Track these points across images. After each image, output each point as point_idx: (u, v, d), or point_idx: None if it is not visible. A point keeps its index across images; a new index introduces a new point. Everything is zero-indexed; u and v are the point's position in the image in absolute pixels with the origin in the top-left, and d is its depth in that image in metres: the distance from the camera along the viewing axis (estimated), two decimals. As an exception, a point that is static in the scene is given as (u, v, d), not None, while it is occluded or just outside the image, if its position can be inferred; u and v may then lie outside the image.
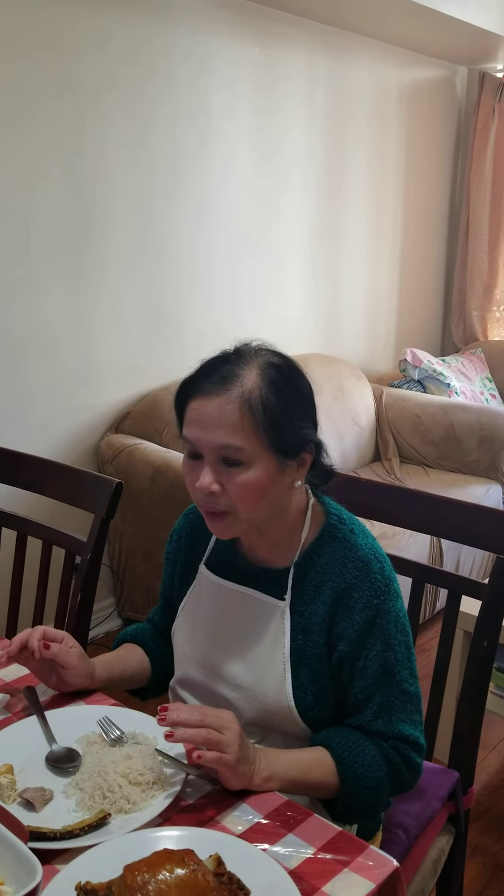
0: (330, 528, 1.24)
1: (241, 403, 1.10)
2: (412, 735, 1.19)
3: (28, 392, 2.65)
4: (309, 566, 1.22)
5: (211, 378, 1.13)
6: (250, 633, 1.24)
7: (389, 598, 1.19)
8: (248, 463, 1.12)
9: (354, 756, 1.14)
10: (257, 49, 3.15)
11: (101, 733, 1.20)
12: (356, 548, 1.21)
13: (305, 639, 1.20)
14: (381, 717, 1.18)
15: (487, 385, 4.13)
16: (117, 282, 2.84)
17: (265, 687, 1.21)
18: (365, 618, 1.17)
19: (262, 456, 1.12)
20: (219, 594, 1.29)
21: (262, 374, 1.13)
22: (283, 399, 1.13)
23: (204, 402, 1.12)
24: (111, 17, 2.63)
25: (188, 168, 2.99)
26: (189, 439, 1.14)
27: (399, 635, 1.19)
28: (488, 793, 2.22)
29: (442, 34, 3.63)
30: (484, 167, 4.31)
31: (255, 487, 1.13)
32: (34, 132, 2.50)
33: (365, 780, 1.15)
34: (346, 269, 3.91)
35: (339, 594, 1.18)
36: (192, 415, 1.14)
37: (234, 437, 1.11)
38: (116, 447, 2.81)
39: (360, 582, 1.18)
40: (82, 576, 1.63)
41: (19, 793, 1.07)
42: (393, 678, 1.18)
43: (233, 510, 1.15)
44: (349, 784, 1.14)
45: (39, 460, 1.82)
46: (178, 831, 1.01)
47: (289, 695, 1.19)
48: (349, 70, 3.62)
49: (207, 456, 1.13)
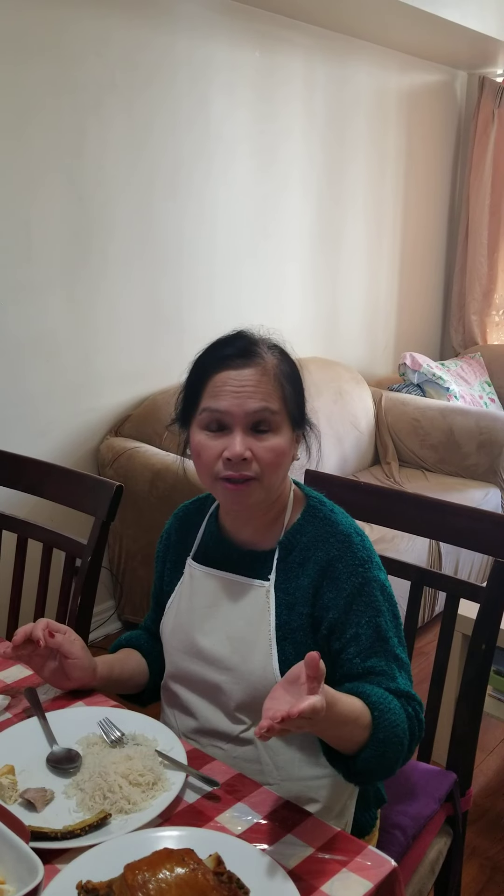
0: (311, 510, 1.29)
1: (273, 374, 1.21)
2: (416, 695, 1.21)
3: (28, 395, 2.66)
4: (293, 545, 1.26)
5: (235, 353, 1.21)
6: (236, 616, 1.26)
7: (373, 568, 1.23)
8: (276, 429, 1.21)
9: (388, 704, 1.14)
10: (257, 53, 3.17)
11: (101, 734, 1.21)
12: (337, 524, 1.26)
13: (290, 613, 1.23)
14: (386, 679, 1.18)
15: (486, 389, 4.14)
16: (117, 285, 2.85)
17: (252, 665, 1.23)
18: (352, 585, 1.21)
19: (284, 424, 1.22)
20: (206, 583, 1.31)
21: (273, 353, 1.24)
22: (294, 375, 1.26)
23: (237, 373, 1.20)
24: (111, 21, 2.64)
25: (188, 172, 3.01)
26: (218, 409, 1.20)
27: (387, 603, 1.22)
28: (486, 795, 2.23)
29: (442, 39, 3.64)
30: (483, 172, 4.33)
31: (280, 452, 1.21)
32: (34, 136, 2.51)
33: (396, 731, 1.13)
34: (346, 273, 3.92)
35: (323, 567, 1.22)
36: (221, 386, 1.20)
37: (271, 402, 1.20)
38: (116, 450, 2.81)
39: (343, 553, 1.22)
40: (82, 578, 1.64)
41: (20, 793, 1.08)
42: (386, 643, 1.20)
43: (258, 477, 1.20)
44: (382, 732, 1.12)
45: (40, 463, 1.83)
46: (178, 831, 1.02)
47: (276, 670, 1.20)
48: (349, 74, 3.63)
49: (239, 424, 1.19)
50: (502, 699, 2.22)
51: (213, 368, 1.22)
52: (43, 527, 1.76)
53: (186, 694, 1.31)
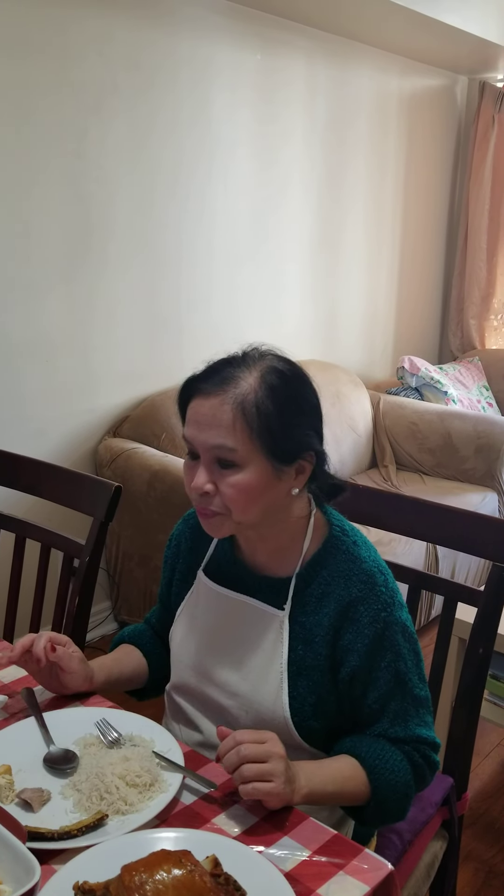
0: (333, 540, 1.24)
1: (235, 405, 1.12)
2: (428, 736, 1.21)
3: (27, 396, 2.66)
4: (311, 577, 1.22)
5: (211, 379, 1.15)
6: (248, 642, 1.24)
7: (395, 610, 1.20)
8: (240, 465, 1.13)
9: (384, 763, 1.15)
10: (259, 56, 3.17)
11: (98, 735, 1.20)
12: (360, 560, 1.21)
13: (306, 649, 1.20)
14: (397, 724, 1.19)
15: (484, 393, 4.15)
16: (116, 286, 2.85)
17: (261, 696, 1.21)
18: (374, 631, 1.18)
19: (254, 459, 1.13)
20: (217, 602, 1.29)
21: (263, 379, 1.14)
22: (280, 404, 1.13)
23: (201, 402, 1.14)
24: (113, 21, 2.65)
25: (188, 173, 3.01)
26: (187, 438, 1.17)
27: (407, 644, 1.20)
28: (482, 799, 2.23)
29: (442, 43, 3.65)
30: (483, 176, 4.34)
31: (246, 490, 1.14)
32: (35, 135, 2.51)
33: (396, 786, 1.16)
34: (345, 276, 3.93)
35: (345, 607, 1.19)
36: (190, 414, 1.16)
37: (227, 438, 1.12)
38: (114, 451, 2.81)
39: (366, 595, 1.19)
40: (80, 579, 1.64)
41: (17, 793, 1.08)
42: (405, 686, 1.19)
43: (225, 512, 1.16)
44: (382, 791, 1.15)
45: (39, 463, 1.83)
46: (175, 832, 1.02)
47: (285, 705, 1.19)
48: (350, 78, 3.64)
49: (203, 456, 1.15)
50: (499, 704, 2.22)
51: (187, 393, 1.18)
52: (41, 527, 1.76)
53: (191, 709, 1.31)
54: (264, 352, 1.19)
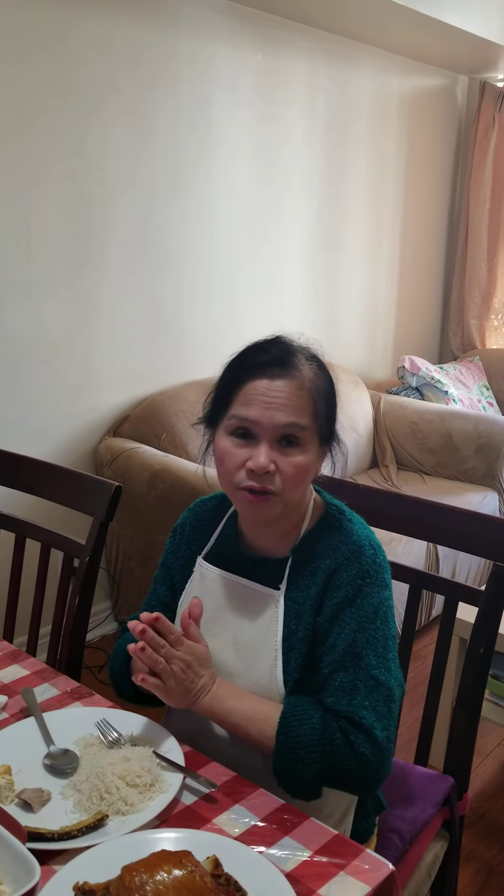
0: (328, 518, 1.27)
1: (310, 388, 1.19)
2: (367, 722, 1.13)
3: (27, 395, 2.66)
4: (305, 553, 1.25)
5: (271, 361, 1.19)
6: (244, 622, 1.26)
7: (374, 584, 1.20)
8: (303, 444, 1.19)
9: (298, 723, 1.13)
10: (259, 56, 3.17)
11: (98, 735, 1.20)
12: (351, 533, 1.25)
13: (297, 623, 1.22)
14: (341, 696, 1.15)
15: (485, 393, 4.15)
16: (117, 286, 2.85)
17: (256, 673, 1.22)
18: (344, 594, 1.19)
19: (312, 440, 1.20)
20: (215, 585, 1.31)
21: (314, 368, 1.21)
22: (331, 392, 1.24)
23: (270, 383, 1.17)
24: (114, 22, 2.64)
25: (189, 173, 3.01)
26: (247, 418, 1.17)
27: (376, 621, 1.18)
28: (483, 799, 2.23)
29: (443, 43, 3.65)
30: (484, 176, 4.33)
31: (304, 469, 1.19)
32: (36, 135, 2.51)
33: (294, 749, 1.12)
34: (346, 276, 3.92)
35: (329, 574, 1.21)
36: (253, 395, 1.17)
37: (302, 417, 1.17)
38: (115, 451, 2.81)
39: (349, 562, 1.21)
40: (81, 578, 1.64)
41: (17, 794, 1.08)
42: (360, 660, 1.16)
43: (279, 492, 1.18)
44: (280, 748, 1.13)
45: (39, 463, 1.83)
46: (176, 833, 1.02)
47: (279, 681, 1.20)
48: (350, 77, 3.63)
49: (266, 435, 1.17)
50: (499, 703, 2.21)
51: (248, 374, 1.19)
52: (41, 526, 1.76)
53: None
54: (293, 339, 1.25)
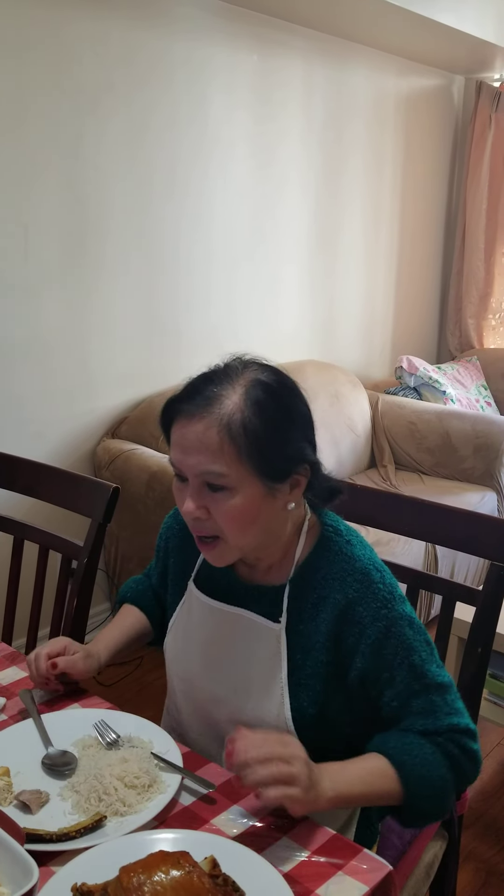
0: (325, 541, 1.20)
1: (221, 428, 1.06)
2: (462, 723, 1.14)
3: (25, 398, 2.66)
4: (305, 582, 1.18)
5: (193, 400, 1.09)
6: (245, 658, 1.20)
7: (397, 604, 1.15)
8: (232, 488, 1.08)
9: (413, 758, 1.09)
10: (255, 56, 3.17)
11: (96, 736, 1.20)
12: (353, 559, 1.17)
13: (305, 658, 1.17)
14: (427, 718, 1.13)
15: (483, 393, 4.15)
16: (114, 287, 2.85)
17: (263, 713, 1.18)
18: (377, 630, 1.13)
19: (246, 481, 1.08)
20: (210, 615, 1.25)
21: (247, 395, 1.08)
22: (269, 420, 1.08)
23: (185, 426, 1.09)
24: (109, 22, 2.64)
25: (185, 174, 3.01)
26: (173, 463, 1.12)
27: (417, 636, 1.15)
28: (482, 799, 2.23)
29: (439, 43, 3.65)
30: (480, 176, 4.34)
31: (240, 514, 1.09)
32: (31, 136, 2.51)
33: (429, 780, 1.10)
34: (343, 276, 3.93)
35: (342, 610, 1.15)
36: (175, 438, 1.11)
37: (214, 464, 1.07)
38: (113, 452, 2.81)
39: (363, 595, 1.14)
40: (79, 580, 1.64)
41: (15, 795, 1.08)
42: (424, 678, 1.13)
43: (221, 535, 1.12)
44: (413, 787, 1.09)
45: (37, 465, 1.83)
46: (174, 833, 1.02)
47: (288, 720, 1.16)
48: (347, 78, 3.64)
49: (191, 481, 1.10)
50: (498, 703, 2.22)
51: (171, 416, 1.12)
52: (39, 528, 1.76)
53: (189, 724, 1.30)
54: (247, 362, 1.14)
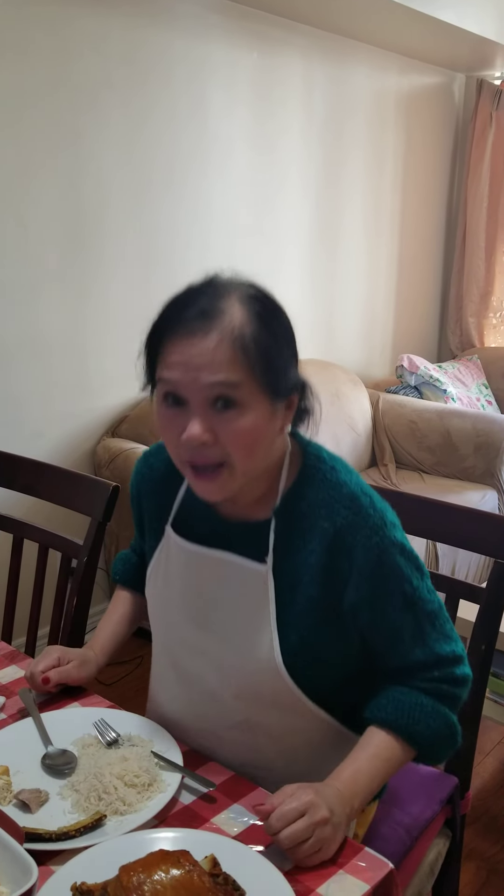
0: (308, 469, 1.14)
1: (234, 339, 1.01)
2: (450, 651, 1.13)
3: (24, 397, 2.65)
4: (291, 513, 1.12)
5: (189, 313, 1.03)
6: (230, 602, 1.15)
7: (388, 530, 1.10)
8: (242, 405, 1.02)
9: (416, 722, 1.10)
10: (255, 54, 3.16)
11: (96, 735, 1.20)
12: (340, 485, 1.12)
13: (294, 594, 1.11)
14: (417, 644, 1.12)
15: (484, 391, 4.14)
16: (113, 285, 2.84)
17: (251, 657, 1.13)
18: (369, 560, 1.09)
19: (256, 397, 1.03)
20: (190, 560, 1.18)
21: (247, 308, 1.04)
22: (272, 334, 1.05)
23: (189, 342, 1.02)
24: (109, 19, 2.64)
25: (185, 172, 3.00)
26: (171, 381, 1.03)
27: (409, 563, 1.12)
28: (483, 797, 2.22)
29: (440, 41, 3.65)
30: (481, 174, 4.33)
31: (251, 433, 1.03)
32: (30, 133, 2.50)
33: (437, 730, 1.11)
34: (343, 275, 3.92)
35: (332, 539, 1.09)
36: (174, 358, 1.03)
37: (229, 373, 1.01)
38: (113, 451, 2.81)
39: (353, 522, 1.09)
40: (79, 579, 1.64)
41: (15, 794, 1.08)
42: (416, 606, 1.12)
43: (228, 461, 1.04)
44: (424, 741, 1.11)
45: (36, 463, 1.82)
46: (174, 832, 1.01)
47: (279, 662, 1.11)
48: (347, 76, 3.63)
49: (195, 400, 1.02)
50: (500, 702, 2.21)
51: (167, 332, 1.05)
52: (39, 527, 1.75)
53: (174, 680, 1.24)
54: (230, 278, 1.09)
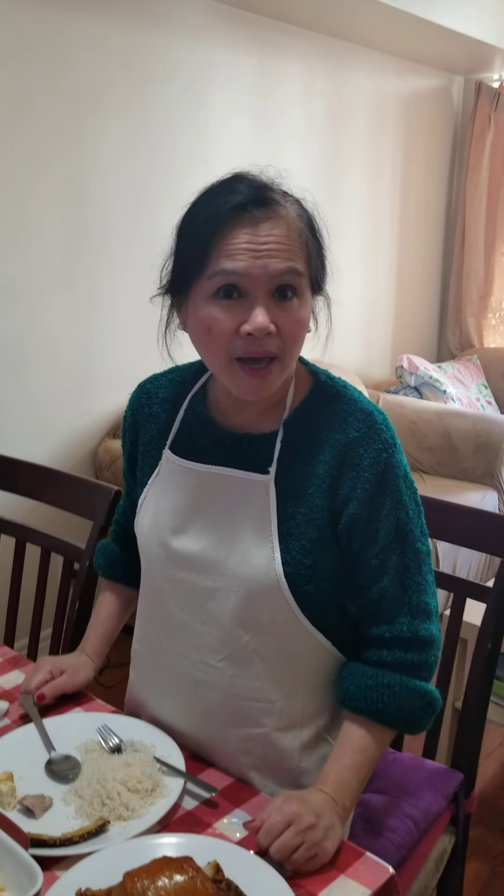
0: (321, 386, 1.14)
1: (299, 229, 1.03)
2: (423, 602, 1.11)
3: (26, 398, 2.66)
4: (301, 425, 1.11)
5: (248, 202, 1.01)
6: (229, 514, 1.12)
7: (396, 452, 1.09)
8: (302, 295, 1.03)
9: (383, 703, 1.08)
10: (255, 58, 3.17)
11: (99, 741, 1.20)
12: (355, 401, 1.11)
13: (297, 506, 1.09)
14: (395, 581, 1.10)
15: (483, 392, 4.15)
16: (114, 288, 2.85)
17: (251, 569, 1.09)
18: (375, 474, 1.07)
19: (307, 291, 1.05)
20: (188, 479, 1.15)
21: (295, 203, 1.07)
22: (319, 230, 1.08)
23: (253, 227, 1.00)
24: (109, 25, 2.64)
25: (185, 175, 3.01)
26: (236, 271, 1.00)
27: (409, 491, 1.10)
28: (484, 799, 2.23)
29: (438, 44, 3.65)
30: (480, 175, 4.34)
31: (305, 323, 1.06)
32: (32, 138, 2.51)
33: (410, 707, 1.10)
34: (343, 275, 3.90)
35: (343, 451, 1.08)
36: (236, 244, 1.00)
37: (298, 261, 1.01)
38: (114, 453, 2.81)
39: (366, 436, 1.08)
40: (81, 583, 1.64)
41: (19, 800, 1.08)
42: (405, 538, 1.09)
43: (280, 355, 1.03)
44: (400, 720, 1.10)
45: (38, 467, 1.83)
46: (177, 838, 1.02)
47: (279, 573, 1.07)
48: (347, 79, 3.64)
49: (261, 290, 1.01)
50: (501, 704, 2.22)
51: (224, 222, 1.01)
52: (41, 531, 1.76)
53: (171, 607, 1.18)
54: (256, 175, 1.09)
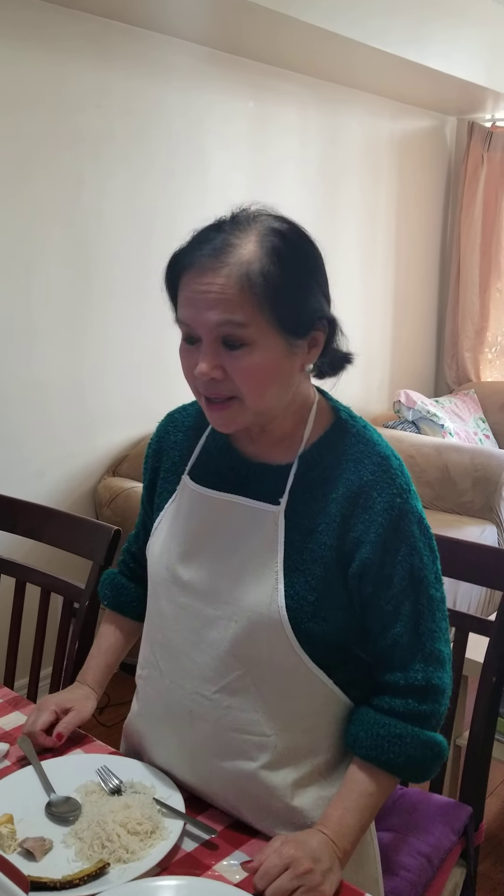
0: (341, 423, 1.14)
1: (240, 276, 1.00)
2: (436, 650, 1.10)
3: (25, 437, 2.68)
4: (316, 460, 1.11)
5: (203, 250, 1.03)
6: (237, 543, 1.11)
7: (411, 498, 1.09)
8: (251, 343, 1.02)
9: (393, 753, 1.07)
10: (251, 103, 3.24)
11: (99, 782, 1.20)
12: (373, 443, 1.11)
13: (305, 541, 1.08)
14: (409, 628, 1.09)
15: (481, 426, 4.17)
16: (113, 327, 2.89)
17: (252, 599, 1.08)
18: (388, 519, 1.06)
19: (267, 335, 1.02)
20: (201, 506, 1.16)
21: (262, 242, 1.02)
22: (288, 268, 1.02)
23: (198, 279, 1.02)
24: (110, 74, 2.71)
25: (185, 218, 3.03)
26: (184, 321, 1.05)
27: (423, 537, 1.10)
28: (488, 836, 2.21)
29: (431, 87, 3.73)
30: (474, 212, 4.41)
31: (261, 371, 1.03)
32: (34, 184, 2.57)
33: (419, 758, 1.09)
34: (340, 312, 3.93)
35: (356, 492, 1.07)
36: (185, 294, 1.04)
37: (234, 313, 1.00)
38: (114, 490, 2.83)
39: (381, 479, 1.07)
40: (81, 622, 1.65)
41: (19, 842, 1.08)
42: (420, 584, 1.08)
43: (238, 395, 1.04)
44: (407, 770, 1.10)
45: (37, 507, 1.84)
46: (177, 880, 1.02)
47: (281, 606, 1.06)
48: (341, 121, 3.71)
49: (206, 338, 1.03)
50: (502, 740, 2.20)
51: (178, 270, 1.05)
52: (41, 571, 1.77)
53: (171, 633, 1.17)
54: (257, 211, 1.08)
